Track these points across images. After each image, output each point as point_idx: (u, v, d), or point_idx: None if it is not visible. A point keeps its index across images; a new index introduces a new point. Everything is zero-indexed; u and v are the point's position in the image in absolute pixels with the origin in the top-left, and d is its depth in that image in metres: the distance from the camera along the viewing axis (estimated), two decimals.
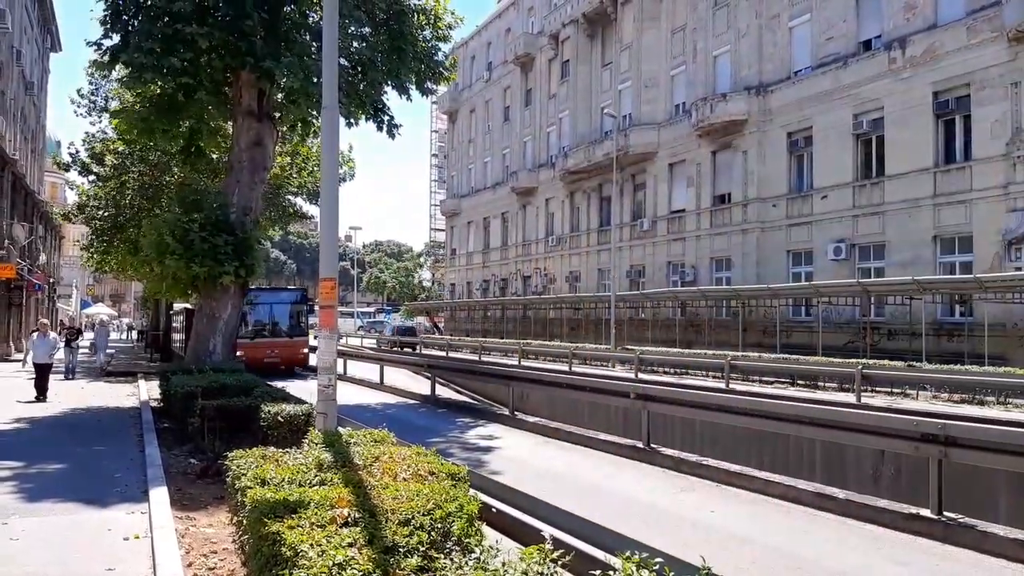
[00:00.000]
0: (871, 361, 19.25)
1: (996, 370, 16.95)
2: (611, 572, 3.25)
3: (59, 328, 22.42)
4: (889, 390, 17.97)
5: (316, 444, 6.35)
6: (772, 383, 20.16)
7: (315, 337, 12.49)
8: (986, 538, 6.85)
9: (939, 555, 6.79)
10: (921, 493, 7.88)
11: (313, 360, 23.28)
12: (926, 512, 7.45)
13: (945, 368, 17.57)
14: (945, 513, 7.36)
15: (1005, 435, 7.42)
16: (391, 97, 16.70)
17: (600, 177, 40.52)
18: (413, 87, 16.67)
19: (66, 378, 21.63)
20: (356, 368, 26.18)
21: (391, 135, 16.64)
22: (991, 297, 21.43)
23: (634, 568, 3.23)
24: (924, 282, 22.05)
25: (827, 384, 19.44)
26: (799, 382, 20.19)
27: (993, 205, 22.87)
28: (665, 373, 23.56)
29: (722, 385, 19.00)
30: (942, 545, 7.00)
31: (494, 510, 5.91)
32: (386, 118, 16.43)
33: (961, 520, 7.23)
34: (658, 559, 3.41)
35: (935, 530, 7.21)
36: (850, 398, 16.26)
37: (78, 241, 41.01)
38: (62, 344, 17.40)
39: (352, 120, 16.47)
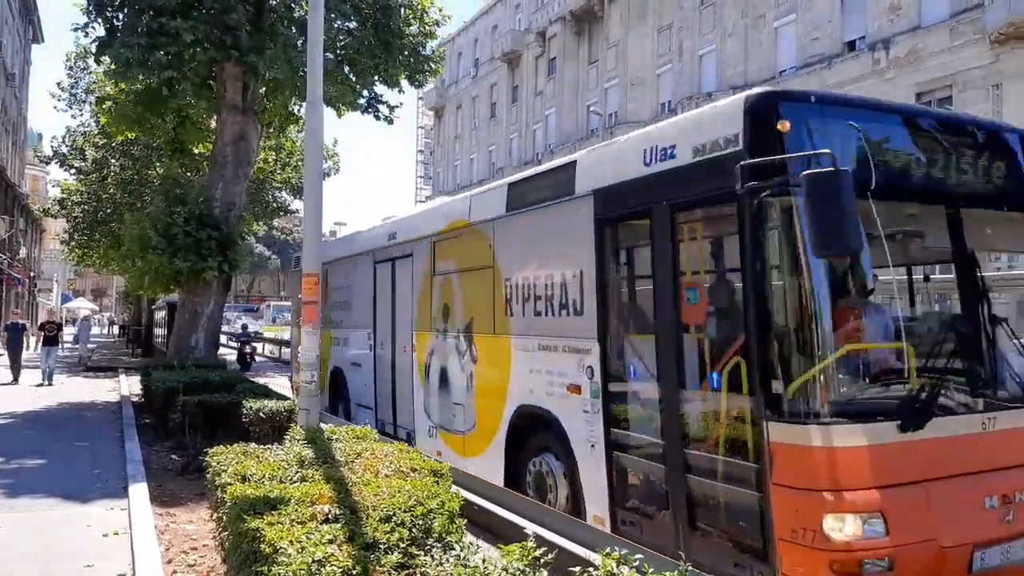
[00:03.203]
0: None
1: None
2: (591, 569, 3.26)
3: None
4: None
5: (298, 440, 6.32)
6: None
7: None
8: None
9: None
10: None
11: None
12: None
13: None
14: None
15: None
16: (380, 90, 16.79)
17: None
18: (403, 80, 16.69)
19: (41, 383, 19.54)
20: None
21: (389, 121, 17.15)
22: None
23: (614, 564, 3.24)
24: None
25: None
26: None
27: None
28: None
29: None
30: None
31: (476, 507, 5.92)
32: (381, 107, 16.84)
33: None
34: (638, 556, 3.42)
35: None
36: None
37: (59, 235, 40.63)
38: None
39: (343, 112, 16.59)
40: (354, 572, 3.48)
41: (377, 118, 16.83)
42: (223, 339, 39.08)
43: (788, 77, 29.74)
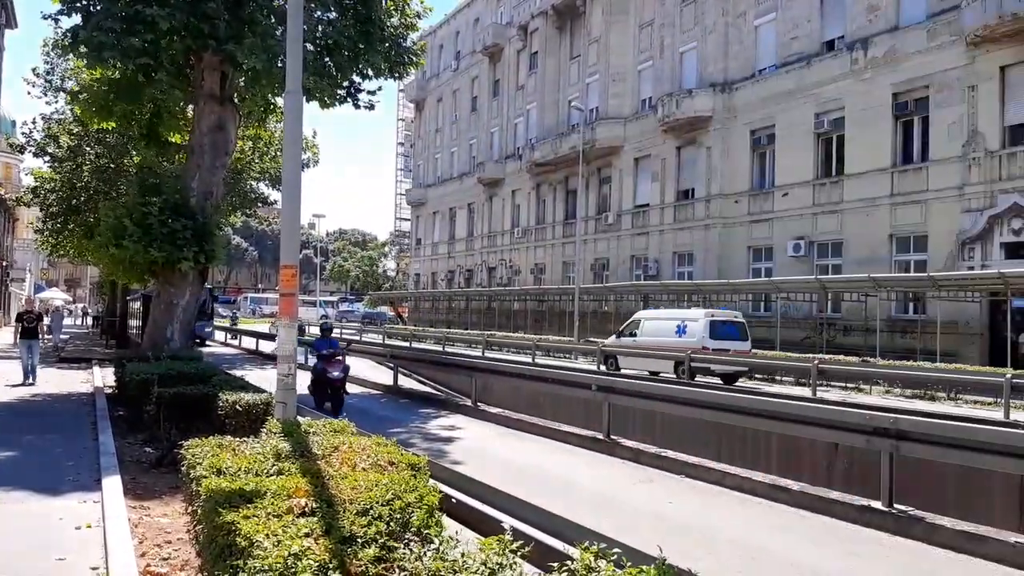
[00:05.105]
0: (827, 356, 19.61)
1: (947, 367, 17.40)
2: (569, 562, 3.27)
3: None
4: (844, 385, 18.34)
5: (274, 433, 6.27)
6: None
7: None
8: (935, 530, 7.02)
9: (889, 546, 6.94)
10: (873, 486, 8.05)
11: None
12: (877, 504, 7.61)
13: (898, 364, 17.98)
14: (896, 505, 7.53)
15: (954, 430, 7.60)
16: (360, 82, 16.68)
17: (566, 170, 40.62)
18: (383, 71, 16.56)
19: (24, 382, 17.19)
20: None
21: (370, 107, 16.95)
22: (944, 295, 21.95)
23: (592, 558, 3.24)
24: (880, 279, 22.51)
25: (784, 378, 19.76)
26: (757, 376, 20.48)
27: (948, 205, 23.40)
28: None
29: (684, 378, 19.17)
30: (892, 536, 7.17)
31: (454, 500, 5.90)
32: (361, 95, 16.65)
33: (911, 512, 7.40)
34: (616, 549, 3.43)
35: (886, 522, 7.37)
36: (806, 392, 16.55)
37: (32, 223, 39.94)
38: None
39: (324, 104, 16.39)
40: (331, 566, 3.46)
41: (357, 106, 16.66)
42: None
43: (767, 75, 29.96)
